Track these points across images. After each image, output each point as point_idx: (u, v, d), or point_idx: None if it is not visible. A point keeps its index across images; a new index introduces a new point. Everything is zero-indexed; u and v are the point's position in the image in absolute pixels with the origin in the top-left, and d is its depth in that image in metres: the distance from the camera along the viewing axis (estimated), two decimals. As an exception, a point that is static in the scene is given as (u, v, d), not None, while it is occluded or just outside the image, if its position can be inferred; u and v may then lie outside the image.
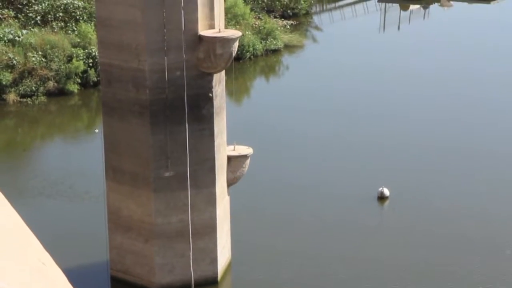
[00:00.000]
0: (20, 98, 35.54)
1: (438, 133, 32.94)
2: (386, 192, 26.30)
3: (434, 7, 59.08)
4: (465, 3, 60.08)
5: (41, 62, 36.31)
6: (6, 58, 35.58)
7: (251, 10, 46.15)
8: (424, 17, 56.39)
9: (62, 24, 39.38)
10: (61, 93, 36.78)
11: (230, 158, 22.27)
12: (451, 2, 58.95)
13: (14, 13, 38.92)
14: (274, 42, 44.27)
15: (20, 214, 6.59)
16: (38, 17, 39.22)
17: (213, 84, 21.14)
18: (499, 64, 43.35)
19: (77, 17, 39.94)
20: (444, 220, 25.71)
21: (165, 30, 20.21)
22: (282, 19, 49.30)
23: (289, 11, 51.17)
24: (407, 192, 27.08)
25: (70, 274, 6.58)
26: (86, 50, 37.68)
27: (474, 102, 37.29)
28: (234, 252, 22.82)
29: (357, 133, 33.00)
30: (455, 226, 25.46)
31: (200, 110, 21.15)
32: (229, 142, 22.43)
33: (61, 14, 39.59)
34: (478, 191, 28.12)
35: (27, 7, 39.39)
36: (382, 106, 37.00)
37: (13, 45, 36.37)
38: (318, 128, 33.54)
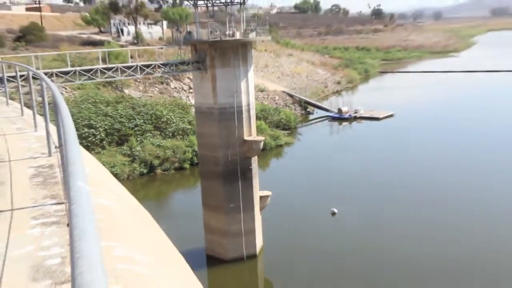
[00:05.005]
0: (162, 171, 53.64)
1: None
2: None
3: (355, 123, 79.18)
4: (367, 121, 78.91)
5: (172, 154, 55.00)
6: (155, 153, 53.75)
7: (268, 126, 69.86)
8: (350, 128, 76.90)
9: (181, 136, 59.12)
10: (181, 168, 54.98)
11: (260, 197, 35.81)
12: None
13: (159, 132, 58.51)
14: (279, 141, 66.82)
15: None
16: (170, 133, 58.92)
17: (251, 162, 34.61)
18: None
19: (188, 132, 59.64)
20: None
21: (228, 138, 33.45)
22: (283, 130, 74.02)
23: (286, 126, 75.42)
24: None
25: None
26: (192, 148, 55.79)
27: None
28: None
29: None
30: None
31: (246, 174, 34.41)
32: (260, 189, 36.04)
33: (181, 131, 59.68)
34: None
35: (164, 127, 59.40)
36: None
37: (158, 147, 55.24)
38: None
